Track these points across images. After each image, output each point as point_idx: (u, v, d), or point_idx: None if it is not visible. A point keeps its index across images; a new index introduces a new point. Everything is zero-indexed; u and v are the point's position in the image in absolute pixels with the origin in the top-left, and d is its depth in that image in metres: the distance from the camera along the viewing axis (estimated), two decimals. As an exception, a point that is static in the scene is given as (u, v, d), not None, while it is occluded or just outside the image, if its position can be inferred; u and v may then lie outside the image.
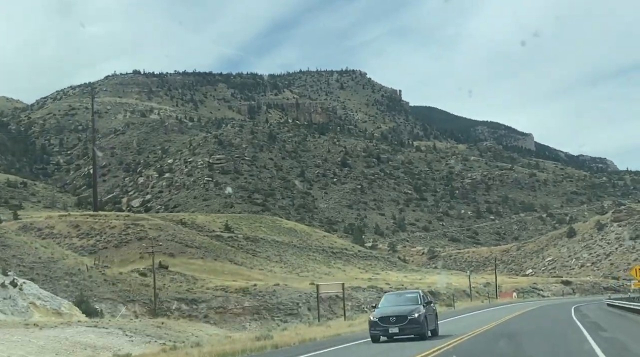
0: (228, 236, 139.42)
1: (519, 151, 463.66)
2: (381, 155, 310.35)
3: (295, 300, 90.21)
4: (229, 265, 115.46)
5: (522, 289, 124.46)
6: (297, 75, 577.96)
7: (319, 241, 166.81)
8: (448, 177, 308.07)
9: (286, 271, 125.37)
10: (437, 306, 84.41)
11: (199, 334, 42.86)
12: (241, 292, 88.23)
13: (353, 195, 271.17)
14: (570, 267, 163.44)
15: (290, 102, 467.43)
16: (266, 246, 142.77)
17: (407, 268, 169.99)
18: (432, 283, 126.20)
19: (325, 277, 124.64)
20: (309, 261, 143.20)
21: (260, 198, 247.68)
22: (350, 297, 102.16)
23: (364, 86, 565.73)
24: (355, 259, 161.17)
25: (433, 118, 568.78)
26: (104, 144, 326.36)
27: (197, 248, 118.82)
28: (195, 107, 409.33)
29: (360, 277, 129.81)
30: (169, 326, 39.93)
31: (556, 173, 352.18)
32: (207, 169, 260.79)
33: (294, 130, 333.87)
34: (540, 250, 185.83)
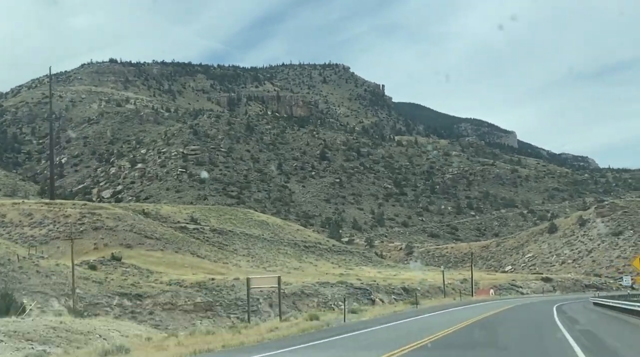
0: (194, 227, 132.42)
1: (501, 148, 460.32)
2: (361, 149, 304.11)
3: (255, 296, 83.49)
4: (191, 258, 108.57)
5: (500, 286, 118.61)
6: (279, 68, 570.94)
7: (292, 234, 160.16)
8: (429, 172, 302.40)
9: (253, 265, 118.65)
10: (400, 304, 78.03)
11: (111, 335, 36.09)
12: (196, 287, 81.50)
13: (331, 189, 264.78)
14: (550, 263, 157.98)
15: (271, 95, 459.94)
16: (234, 239, 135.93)
17: (383, 264, 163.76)
18: (406, 279, 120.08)
19: (294, 272, 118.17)
20: (279, 255, 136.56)
21: (235, 190, 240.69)
22: (317, 294, 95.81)
23: (347, 80, 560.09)
24: (328, 253, 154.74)
25: (416, 115, 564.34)
26: (77, 133, 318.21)
27: (157, 239, 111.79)
28: (172, 97, 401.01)
29: (332, 272, 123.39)
30: (69, 326, 33.11)
31: (538, 169, 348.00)
32: (181, 160, 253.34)
33: (272, 122, 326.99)
34: (521, 246, 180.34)
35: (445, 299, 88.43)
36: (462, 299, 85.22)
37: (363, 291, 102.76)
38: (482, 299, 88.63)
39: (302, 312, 77.89)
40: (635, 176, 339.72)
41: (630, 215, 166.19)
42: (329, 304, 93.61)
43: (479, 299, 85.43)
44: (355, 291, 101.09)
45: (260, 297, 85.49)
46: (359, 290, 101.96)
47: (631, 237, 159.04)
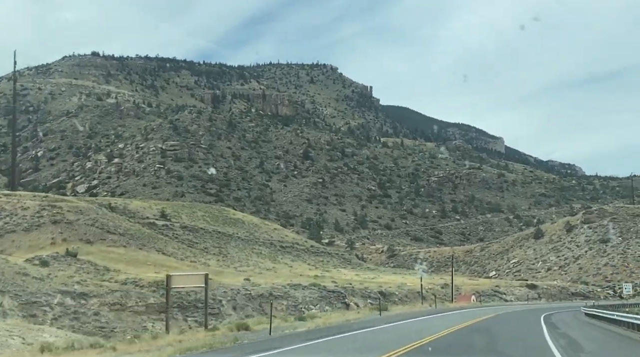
0: (163, 224, 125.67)
1: (488, 152, 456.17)
2: (346, 149, 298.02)
3: (218, 297, 77.06)
4: (156, 255, 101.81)
5: (482, 293, 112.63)
6: (266, 67, 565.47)
7: (268, 234, 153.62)
8: (414, 175, 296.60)
9: (223, 264, 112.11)
10: (365, 310, 71.10)
11: (9, 343, 29.53)
12: (154, 287, 74.77)
13: (314, 189, 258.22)
14: (536, 270, 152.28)
15: (257, 93, 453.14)
16: (206, 237, 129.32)
17: (363, 267, 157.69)
18: (384, 283, 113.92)
19: (266, 273, 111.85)
20: (253, 254, 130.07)
21: (214, 188, 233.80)
22: (286, 296, 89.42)
23: (334, 81, 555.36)
24: (306, 254, 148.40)
25: (404, 118, 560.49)
26: (54, 127, 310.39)
27: (121, 235, 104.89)
28: (155, 93, 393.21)
29: (307, 274, 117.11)
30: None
31: (525, 175, 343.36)
32: (159, 156, 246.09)
33: (256, 119, 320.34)
34: (505, 251, 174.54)
35: (419, 306, 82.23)
36: (439, 306, 78.74)
37: (337, 294, 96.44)
38: (461, 306, 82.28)
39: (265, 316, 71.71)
40: (623, 184, 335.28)
41: (619, 222, 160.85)
42: (299, 307, 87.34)
43: (457, 307, 79.08)
44: (329, 294, 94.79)
45: (223, 299, 79.11)
46: (332, 293, 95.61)
47: (619, 245, 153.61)
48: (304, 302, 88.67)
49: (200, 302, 75.58)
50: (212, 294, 77.73)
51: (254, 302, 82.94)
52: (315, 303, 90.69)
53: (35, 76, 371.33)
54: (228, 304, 77.86)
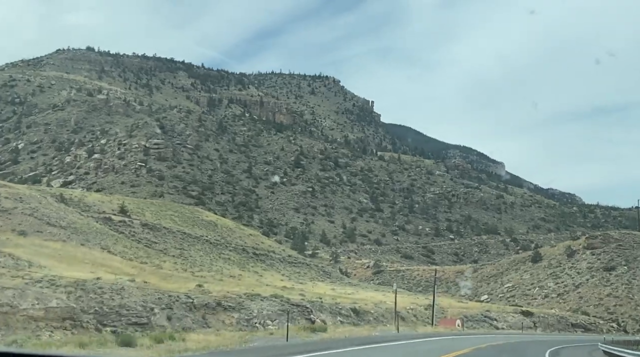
0: (120, 220, 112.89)
1: (488, 175, 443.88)
2: (339, 159, 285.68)
3: (150, 304, 64.14)
4: (99, 253, 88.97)
5: (471, 317, 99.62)
6: (267, 76, 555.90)
7: (242, 239, 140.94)
8: (409, 190, 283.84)
9: (180, 267, 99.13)
10: (292, 330, 54.41)
11: None
12: (72, 287, 61.85)
13: (302, 198, 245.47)
14: (532, 296, 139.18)
15: (255, 100, 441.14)
16: (168, 237, 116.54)
17: (344, 281, 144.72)
18: (361, 299, 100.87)
19: (227, 280, 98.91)
20: (219, 259, 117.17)
21: (196, 190, 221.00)
22: (240, 307, 76.21)
23: (335, 93, 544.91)
24: (281, 264, 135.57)
25: (405, 136, 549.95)
26: (39, 120, 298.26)
27: (63, 228, 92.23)
28: (149, 92, 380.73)
29: (276, 284, 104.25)
30: None
31: (525, 198, 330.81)
32: (141, 153, 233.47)
33: (249, 124, 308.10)
34: (500, 274, 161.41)
35: (380, 328, 69.34)
36: (413, 330, 65.49)
37: (302, 308, 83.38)
38: (440, 332, 68.97)
39: (206, 329, 59.17)
40: (625, 215, 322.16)
41: (625, 249, 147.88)
42: (252, 321, 74.48)
43: (436, 332, 65.75)
44: (292, 308, 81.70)
45: (155, 307, 66.13)
46: (296, 307, 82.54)
47: (624, 274, 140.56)
48: (259, 316, 75.62)
49: (125, 308, 62.72)
50: (142, 301, 65.02)
51: (195, 313, 69.90)
52: (273, 318, 77.62)
53: (26, 68, 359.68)
54: (162, 313, 64.80)
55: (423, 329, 69.54)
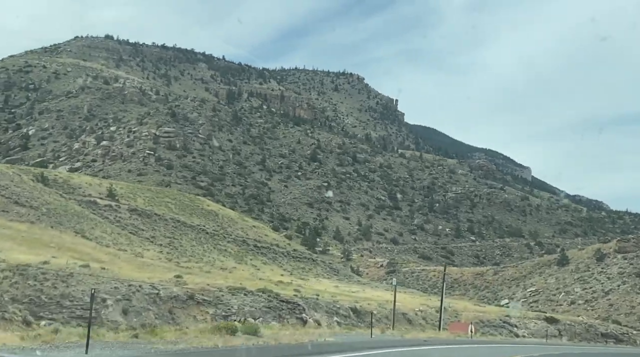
0: (106, 204, 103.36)
1: (513, 177, 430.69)
2: (358, 154, 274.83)
3: (102, 294, 54.20)
4: (70, 237, 79.35)
5: (488, 322, 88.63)
6: (290, 71, 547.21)
7: (244, 231, 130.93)
8: (429, 188, 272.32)
9: (164, 257, 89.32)
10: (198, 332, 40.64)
11: None
12: (9, 272, 52.15)
13: (317, 193, 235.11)
14: (557, 302, 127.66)
15: (275, 94, 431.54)
16: (158, 224, 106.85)
17: (353, 279, 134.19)
18: (366, 299, 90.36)
19: (215, 272, 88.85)
20: (214, 251, 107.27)
21: (205, 181, 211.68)
22: (218, 302, 66.01)
23: (359, 91, 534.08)
24: (284, 258, 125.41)
25: (429, 138, 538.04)
26: (51, 106, 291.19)
27: (33, 209, 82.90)
28: (167, 83, 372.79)
29: (272, 279, 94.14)
30: None
31: (551, 201, 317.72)
32: (151, 142, 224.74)
33: (267, 116, 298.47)
34: (523, 277, 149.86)
35: (362, 331, 58.77)
36: (403, 335, 54.30)
37: (292, 306, 73.00)
38: (440, 338, 58.02)
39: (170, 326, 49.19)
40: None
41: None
42: (231, 318, 64.26)
43: (433, 338, 54.61)
44: (280, 305, 71.35)
45: (109, 297, 56.10)
46: (286, 304, 72.14)
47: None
48: (240, 312, 65.36)
49: (69, 298, 52.63)
50: (91, 290, 54.75)
51: (160, 307, 59.73)
52: (257, 315, 67.29)
53: (43, 54, 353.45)
54: (116, 306, 54.79)
55: (422, 334, 58.74)
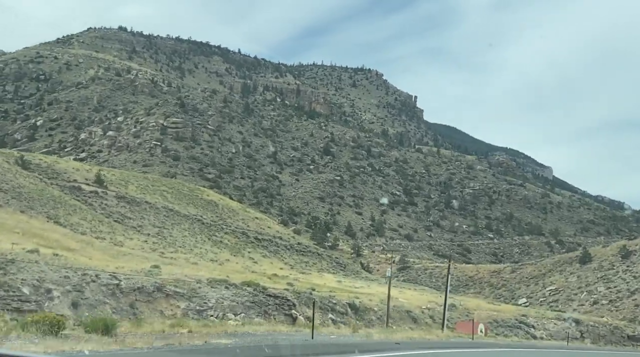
0: (92, 190, 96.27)
1: (534, 175, 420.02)
2: (372, 148, 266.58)
3: (48, 284, 46.84)
4: (39, 223, 72.45)
5: (502, 322, 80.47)
6: (308, 67, 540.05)
7: (245, 222, 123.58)
8: (446, 184, 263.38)
9: (150, 247, 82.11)
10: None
11: None
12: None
13: (329, 187, 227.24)
14: (578, 302, 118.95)
15: (291, 88, 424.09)
16: (148, 213, 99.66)
17: (360, 275, 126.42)
18: (369, 295, 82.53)
19: (202, 264, 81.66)
20: (208, 242, 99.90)
21: (213, 173, 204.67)
22: (193, 295, 58.69)
23: (377, 87, 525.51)
24: (286, 252, 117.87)
25: (449, 136, 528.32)
26: (61, 97, 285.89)
27: (2, 192, 75.91)
28: (181, 75, 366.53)
29: (265, 272, 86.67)
30: None
31: (572, 199, 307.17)
32: (158, 132, 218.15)
33: (280, 109, 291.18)
34: (542, 276, 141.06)
35: (339, 331, 50.95)
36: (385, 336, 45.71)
37: (281, 301, 65.42)
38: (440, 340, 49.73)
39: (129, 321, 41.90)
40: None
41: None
42: (206, 313, 56.89)
43: (430, 341, 45.94)
44: (267, 300, 63.75)
45: (56, 288, 48.70)
46: (273, 299, 64.53)
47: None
48: (218, 306, 57.80)
49: (4, 288, 45.22)
50: (38, 279, 47.62)
51: (120, 300, 52.35)
52: (238, 310, 59.72)
53: (55, 45, 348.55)
54: (64, 298, 47.46)
55: (430, 337, 50.62)
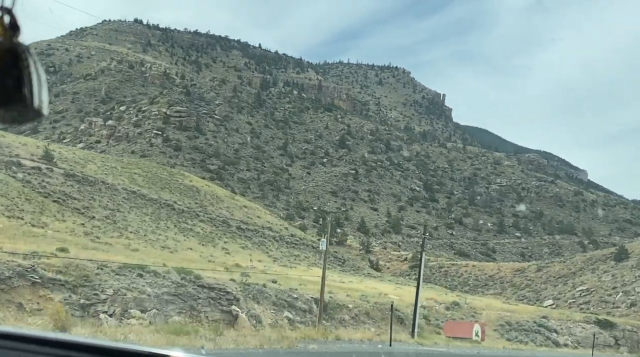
0: (34, 166, 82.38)
1: (568, 176, 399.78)
2: (392, 141, 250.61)
3: None
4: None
5: (517, 325, 64.70)
6: (333, 65, 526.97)
7: (229, 211, 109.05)
8: (470, 180, 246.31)
9: (81, 231, 67.68)
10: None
11: None
12: None
13: (342, 180, 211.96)
14: (613, 303, 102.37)
15: (313, 83, 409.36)
16: (103, 194, 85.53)
17: (360, 271, 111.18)
18: (355, 290, 67.25)
19: (144, 251, 67.01)
20: (173, 229, 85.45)
21: (216, 164, 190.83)
22: (83, 283, 44.13)
23: (404, 84, 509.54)
24: (274, 243, 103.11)
25: (479, 136, 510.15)
26: (68, 89, 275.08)
27: None
28: (197, 69, 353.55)
29: (226, 263, 72.13)
30: None
31: (607, 197, 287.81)
32: (160, 121, 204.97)
33: (296, 101, 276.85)
34: (571, 275, 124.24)
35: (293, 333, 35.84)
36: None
37: (219, 294, 50.34)
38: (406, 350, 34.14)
39: None
40: None
41: None
42: (94, 308, 42.22)
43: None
44: (198, 292, 48.84)
45: None
46: (208, 291, 49.51)
47: None
48: (117, 300, 42.96)
49: None
50: None
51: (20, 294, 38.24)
52: (149, 305, 44.75)
53: (67, 38, 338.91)
54: None
55: (364, 336, 35.38)
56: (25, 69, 1.28)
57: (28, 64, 1.29)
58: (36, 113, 1.29)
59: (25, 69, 1.28)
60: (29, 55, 1.30)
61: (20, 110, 1.28)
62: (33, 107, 1.27)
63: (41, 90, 1.27)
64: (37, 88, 1.26)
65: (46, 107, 1.29)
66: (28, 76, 1.27)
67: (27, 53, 1.30)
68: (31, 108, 1.27)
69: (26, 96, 1.26)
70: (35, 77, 1.27)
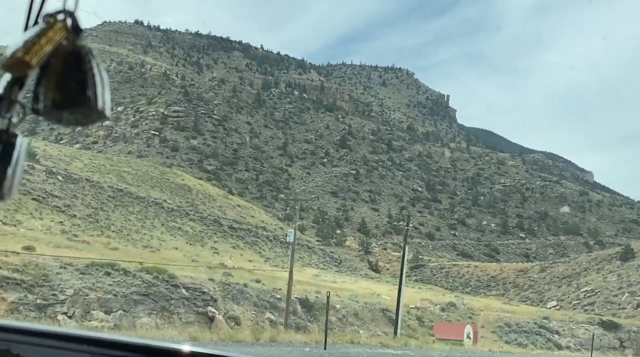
0: (16, 162, 79.42)
1: (574, 176, 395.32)
2: (394, 141, 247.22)
3: None
4: None
5: (517, 326, 61.32)
6: (336, 66, 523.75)
7: (222, 210, 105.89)
8: (474, 180, 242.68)
9: (57, 229, 64.59)
10: None
11: None
12: None
13: (343, 181, 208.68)
14: (618, 304, 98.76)
15: (315, 84, 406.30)
16: (86, 192, 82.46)
17: (357, 272, 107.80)
18: (344, 290, 64.03)
19: (123, 250, 63.87)
20: (160, 228, 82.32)
21: (214, 164, 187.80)
22: (44, 282, 41.41)
23: (408, 86, 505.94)
24: (267, 243, 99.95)
25: (484, 138, 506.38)
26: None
27: None
28: (198, 70, 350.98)
29: (210, 263, 68.90)
30: None
31: (613, 197, 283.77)
32: (158, 122, 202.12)
33: (297, 102, 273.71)
34: (576, 275, 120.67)
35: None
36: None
37: (195, 293, 47.23)
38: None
39: None
40: None
41: None
42: (51, 309, 39.12)
43: None
44: (170, 292, 45.71)
45: None
46: (182, 291, 46.40)
47: None
48: (79, 300, 39.79)
49: None
50: None
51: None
52: (114, 306, 41.56)
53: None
54: None
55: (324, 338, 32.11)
56: (88, 71, 1.27)
57: (91, 66, 1.29)
58: (100, 115, 1.26)
59: (89, 72, 1.27)
60: (92, 58, 1.33)
61: (84, 112, 1.25)
62: (97, 108, 1.25)
63: (104, 92, 1.26)
64: (101, 90, 1.25)
65: (109, 108, 1.27)
66: (92, 78, 1.26)
67: (90, 55, 1.33)
68: (95, 110, 1.25)
69: (90, 98, 1.24)
70: (98, 79, 1.26)
